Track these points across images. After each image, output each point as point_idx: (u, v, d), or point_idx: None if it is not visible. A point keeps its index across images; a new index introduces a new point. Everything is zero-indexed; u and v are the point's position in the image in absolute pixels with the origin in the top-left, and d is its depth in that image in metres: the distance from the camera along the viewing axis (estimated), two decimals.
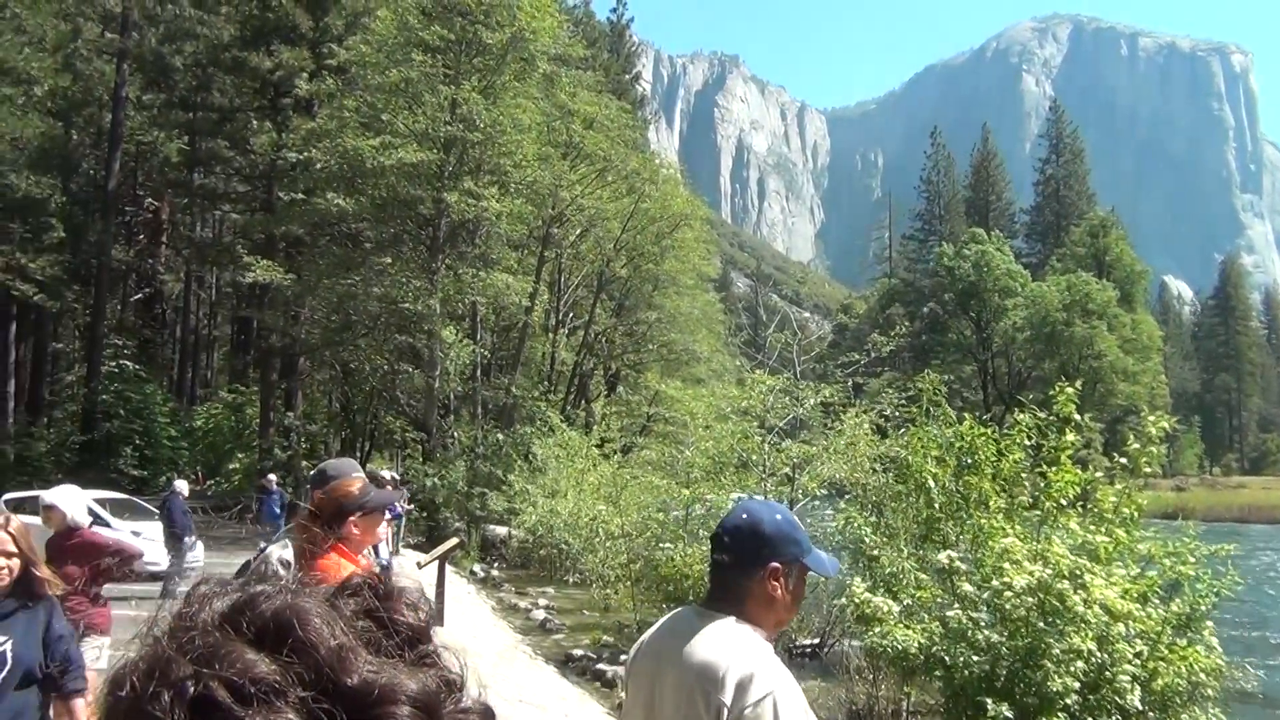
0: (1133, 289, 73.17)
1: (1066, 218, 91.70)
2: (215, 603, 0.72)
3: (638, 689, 2.32)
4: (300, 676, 0.67)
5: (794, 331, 16.04)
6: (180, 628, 0.70)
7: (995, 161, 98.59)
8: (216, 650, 0.67)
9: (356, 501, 3.32)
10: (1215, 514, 51.55)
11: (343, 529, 3.29)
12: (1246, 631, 16.27)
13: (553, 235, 31.50)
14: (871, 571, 9.57)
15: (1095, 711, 7.62)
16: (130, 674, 0.67)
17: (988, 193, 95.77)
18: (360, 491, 3.35)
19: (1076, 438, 9.28)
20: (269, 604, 0.71)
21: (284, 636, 0.68)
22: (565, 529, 18.80)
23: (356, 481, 3.38)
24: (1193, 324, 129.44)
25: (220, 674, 0.65)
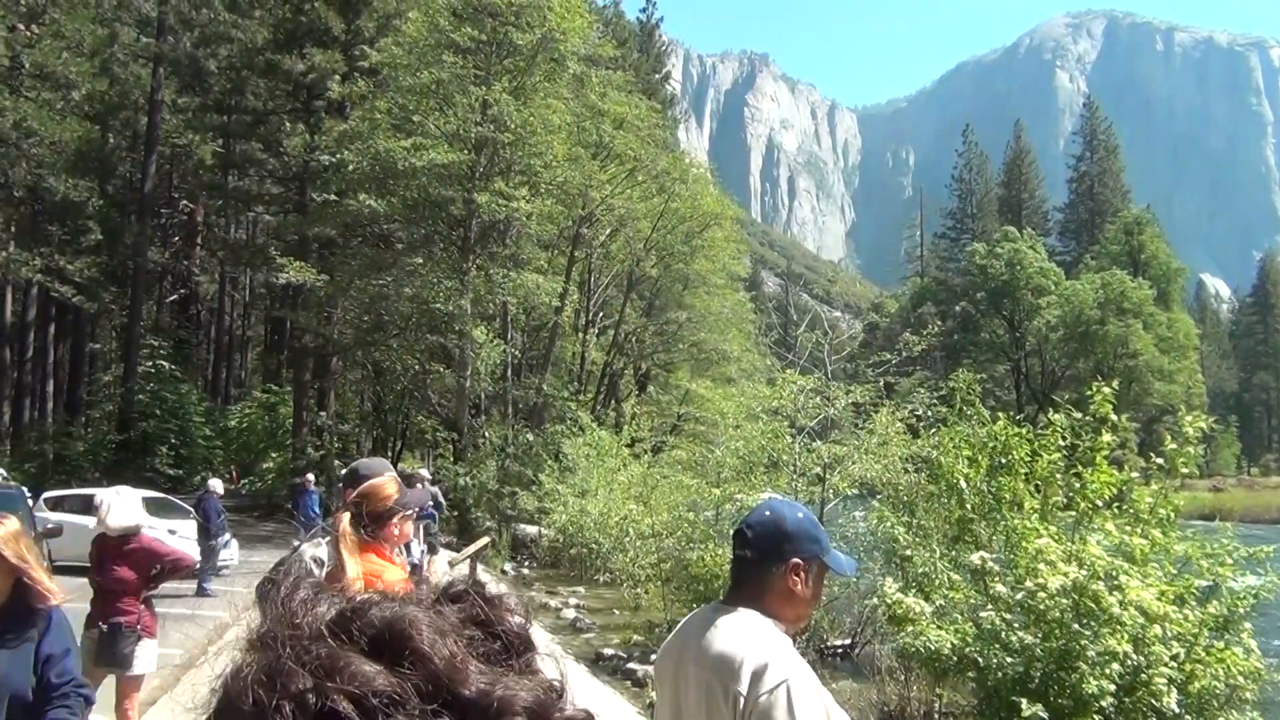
0: (1169, 287, 72.28)
1: (1101, 215, 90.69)
2: (319, 608, 0.70)
3: (664, 687, 2.36)
4: (417, 688, 0.66)
5: (825, 331, 16.00)
6: (291, 636, 0.68)
7: (1028, 159, 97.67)
8: (335, 661, 0.66)
9: (399, 503, 3.36)
10: (1254, 515, 50.82)
11: (383, 531, 3.33)
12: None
13: (583, 235, 31.56)
14: (904, 572, 9.52)
15: (1131, 714, 7.54)
16: (252, 684, 0.66)
17: (1020, 190, 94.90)
18: (398, 494, 3.39)
19: (1113, 438, 9.19)
20: (379, 613, 0.69)
21: (399, 647, 0.67)
22: (595, 528, 18.84)
23: (391, 482, 3.41)
24: (1230, 322, 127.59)
25: (343, 687, 0.64)
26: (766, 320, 66.50)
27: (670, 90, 74.51)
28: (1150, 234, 75.82)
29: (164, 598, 13.06)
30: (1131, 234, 75.72)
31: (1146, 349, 62.07)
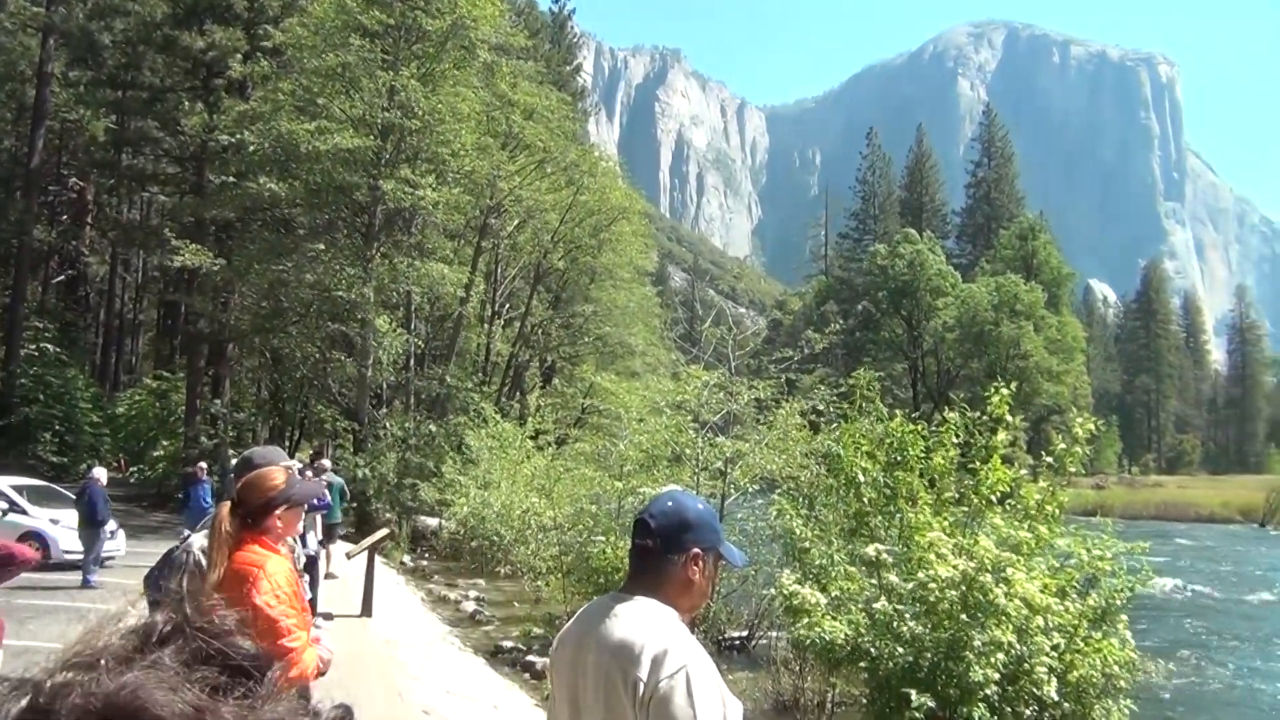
0: (1059, 291, 74.90)
1: (997, 220, 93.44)
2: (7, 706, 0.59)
3: (560, 677, 2.36)
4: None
5: (729, 327, 16.16)
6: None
7: (930, 163, 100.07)
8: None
9: (282, 495, 3.29)
10: (1133, 512, 53.16)
11: (266, 522, 3.26)
12: (1158, 626, 16.77)
13: (490, 226, 31.30)
14: (801, 564, 9.69)
15: (1014, 702, 7.81)
16: None
17: (921, 193, 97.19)
18: (285, 483, 3.32)
19: (1006, 436, 9.52)
20: (95, 691, 0.58)
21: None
22: (497, 520, 18.75)
23: (279, 473, 3.34)
24: (1115, 326, 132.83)
25: None
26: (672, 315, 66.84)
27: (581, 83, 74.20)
28: (1043, 240, 78.44)
29: (45, 589, 12.60)
30: (1025, 239, 78.22)
31: (1037, 350, 64.21)
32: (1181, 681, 12.06)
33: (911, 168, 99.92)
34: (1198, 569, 26.78)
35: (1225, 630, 17.19)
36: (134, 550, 16.09)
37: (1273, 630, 17.41)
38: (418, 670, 9.26)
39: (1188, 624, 17.59)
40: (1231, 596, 21.78)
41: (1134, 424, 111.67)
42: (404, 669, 9.13)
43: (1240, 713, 10.92)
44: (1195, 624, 17.66)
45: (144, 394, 37.60)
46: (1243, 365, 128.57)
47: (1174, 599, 20.59)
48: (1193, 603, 20.55)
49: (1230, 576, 25.58)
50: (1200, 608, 19.89)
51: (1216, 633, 16.87)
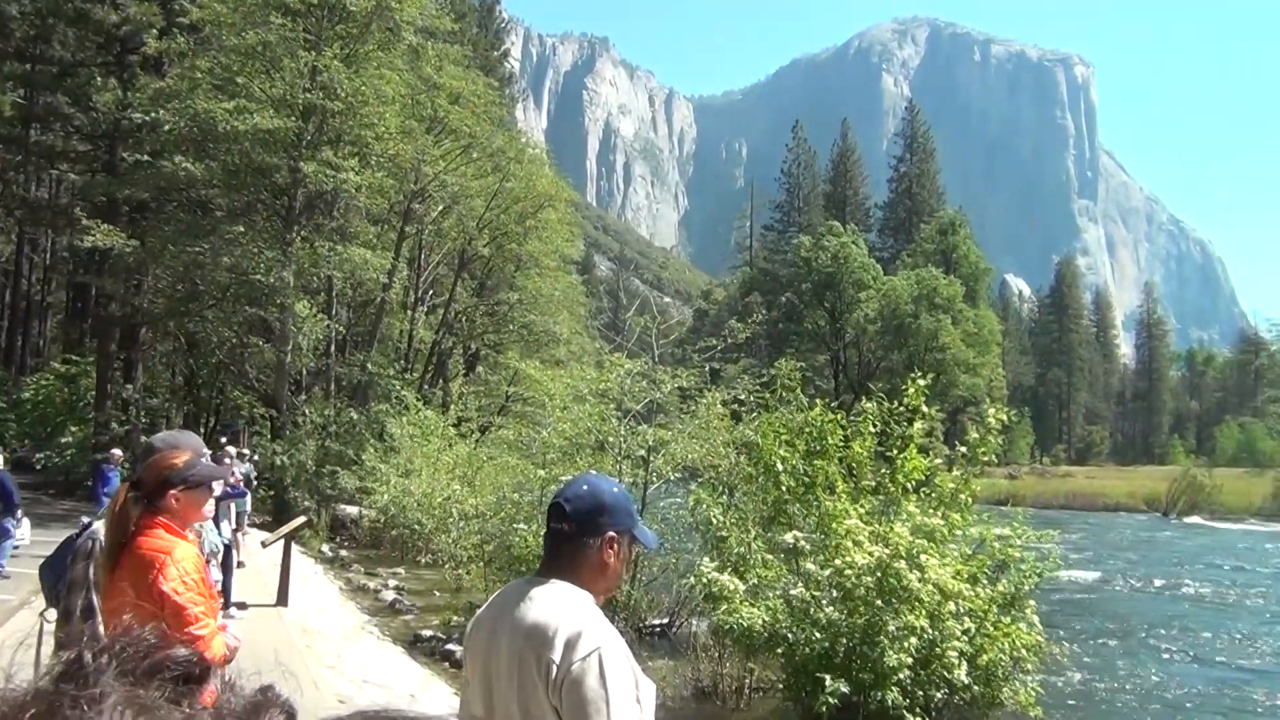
0: (976, 285, 76.55)
1: (918, 214, 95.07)
2: None
3: (475, 660, 2.36)
4: None
5: (653, 316, 16.23)
6: None
7: (853, 157, 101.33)
8: None
9: (179, 474, 3.22)
10: (1044, 500, 54.72)
11: (162, 502, 3.19)
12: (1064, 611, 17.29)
13: (414, 211, 30.90)
14: (720, 552, 9.79)
15: (925, 685, 8.01)
16: None
17: (845, 187, 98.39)
18: (184, 464, 3.24)
19: (923, 426, 9.74)
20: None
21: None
22: (418, 509, 18.59)
23: (184, 453, 3.27)
24: (1030, 320, 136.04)
25: None
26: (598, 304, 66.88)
27: (509, 68, 73.58)
28: (962, 235, 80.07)
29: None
30: (945, 234, 79.78)
31: (955, 343, 65.57)
32: (1086, 664, 12.46)
33: (836, 161, 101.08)
34: (1103, 556, 27.65)
35: (1128, 615, 17.78)
36: (39, 539, 15.58)
37: (1173, 614, 18.05)
38: (334, 660, 9.15)
39: (1092, 609, 18.15)
40: (1134, 582, 22.54)
41: (1046, 416, 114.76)
42: (320, 658, 9.02)
43: (1140, 693, 11.32)
44: (1100, 609, 18.24)
45: (52, 378, 36.36)
46: (1149, 360, 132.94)
47: (1080, 585, 21.24)
48: (1097, 589, 21.22)
49: (1134, 563, 26.46)
50: (1105, 593, 20.55)
51: (1120, 617, 17.44)
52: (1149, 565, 26.11)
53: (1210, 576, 23.80)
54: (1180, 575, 23.95)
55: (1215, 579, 23.26)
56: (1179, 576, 23.72)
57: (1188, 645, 14.93)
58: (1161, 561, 27.08)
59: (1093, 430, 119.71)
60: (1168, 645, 14.82)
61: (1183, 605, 19.37)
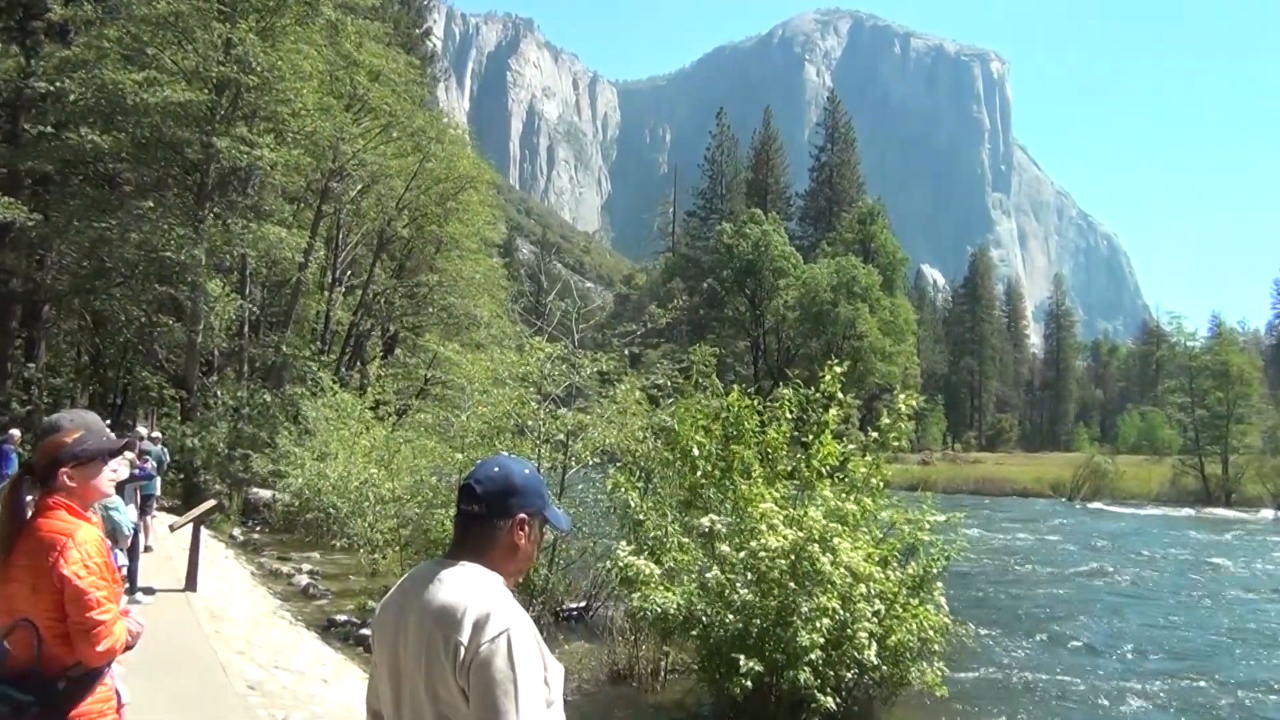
0: (894, 275, 77.95)
1: (838, 204, 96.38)
2: None
3: (382, 642, 2.34)
4: None
5: (575, 300, 16.20)
6: None
7: (775, 145, 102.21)
8: None
9: (68, 451, 3.15)
10: (955, 486, 56.05)
11: (55, 482, 3.11)
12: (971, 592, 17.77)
13: (332, 190, 30.35)
14: (637, 535, 9.85)
15: (836, 666, 8.18)
16: None
17: (767, 175, 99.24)
18: (74, 440, 3.17)
19: (839, 413, 9.91)
20: None
21: None
22: (334, 492, 18.35)
23: (75, 431, 3.20)
24: (944, 310, 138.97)
25: None
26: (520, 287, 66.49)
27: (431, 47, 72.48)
28: (880, 224, 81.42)
29: None
30: (864, 223, 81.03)
31: (872, 331, 66.70)
32: (991, 644, 12.84)
33: (758, 149, 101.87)
34: (1010, 540, 28.45)
35: (1031, 596, 18.34)
36: None
37: (1074, 596, 18.67)
38: (243, 645, 8.99)
39: (998, 591, 18.68)
40: (1038, 565, 23.24)
41: (958, 403, 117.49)
42: (229, 644, 8.85)
43: (1044, 673, 11.70)
44: (1006, 591, 18.78)
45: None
46: (1057, 350, 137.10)
47: (987, 568, 21.83)
48: (1004, 571, 21.84)
49: (1038, 547, 27.28)
50: (1010, 576, 21.16)
51: (1023, 599, 17.98)
52: (1053, 548, 26.94)
53: (1110, 559, 24.65)
54: (1082, 558, 24.76)
55: (1115, 562, 24.10)
56: (1081, 560, 24.52)
57: (1088, 626, 15.46)
58: (1065, 545, 27.95)
59: (1003, 418, 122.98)
60: (1069, 626, 15.33)
61: (1084, 587, 20.04)
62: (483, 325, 35.20)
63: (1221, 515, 44.17)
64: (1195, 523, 39.56)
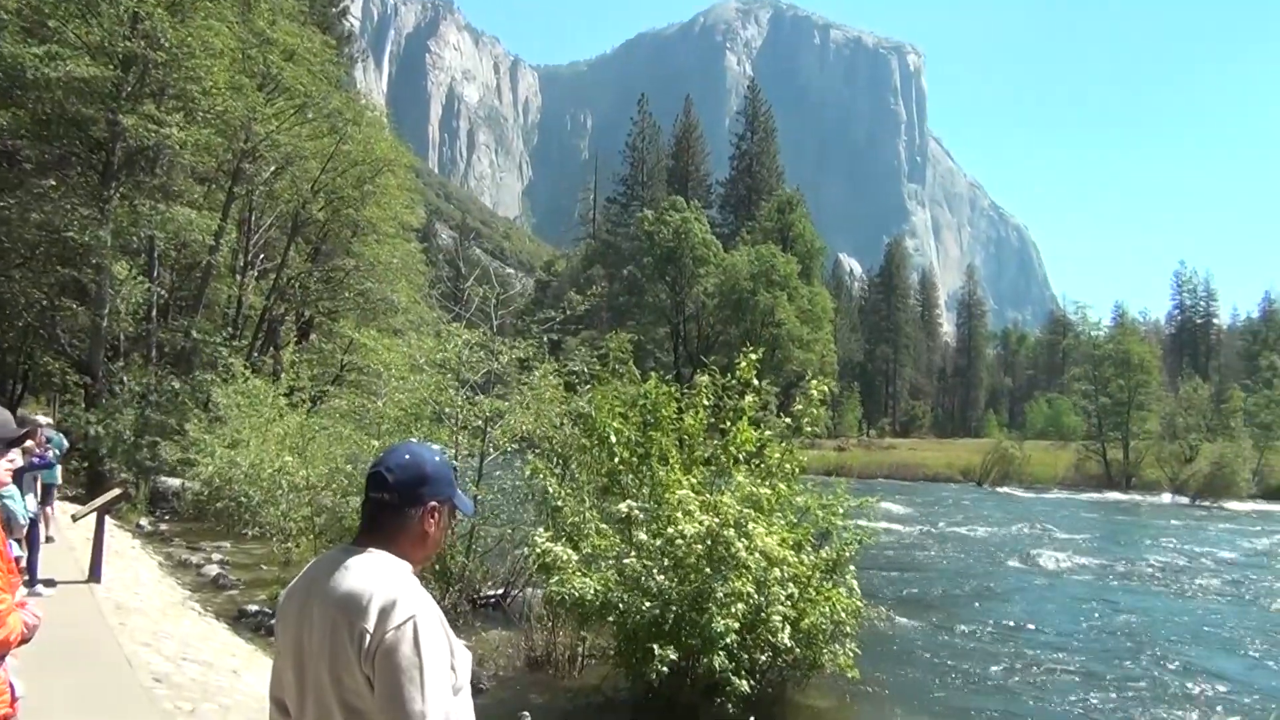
0: (811, 263, 79.01)
1: (758, 192, 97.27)
2: None
3: (286, 630, 2.32)
4: None
5: (494, 286, 16.07)
6: None
7: (696, 133, 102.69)
8: None
9: None
10: (870, 471, 57.16)
11: None
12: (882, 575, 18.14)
13: (244, 171, 29.60)
14: (554, 522, 9.85)
15: (751, 649, 8.29)
16: None
17: (688, 163, 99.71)
18: None
19: (755, 400, 10.02)
20: None
21: None
22: (245, 481, 17.96)
23: None
24: (860, 299, 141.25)
25: None
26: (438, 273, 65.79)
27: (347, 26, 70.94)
28: (799, 213, 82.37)
29: None
30: (783, 212, 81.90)
31: (790, 319, 67.53)
32: (901, 625, 13.14)
33: (679, 137, 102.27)
34: (921, 524, 29.11)
35: (942, 579, 18.80)
36: None
37: (984, 578, 19.18)
38: (149, 637, 8.76)
39: (909, 574, 19.11)
40: (949, 549, 23.84)
41: (874, 391, 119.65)
42: (134, 636, 8.63)
43: (952, 654, 12.01)
44: (916, 574, 19.22)
45: None
46: (969, 338, 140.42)
47: (899, 552, 22.31)
48: (915, 555, 22.34)
49: (949, 530, 27.96)
50: (921, 559, 21.65)
51: (935, 582, 18.42)
52: (962, 532, 27.64)
53: (1016, 543, 25.38)
54: (990, 542, 25.46)
55: (1021, 545, 24.83)
56: (989, 543, 25.21)
57: (996, 608, 15.91)
58: (974, 529, 28.70)
59: (916, 405, 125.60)
60: (977, 608, 15.76)
61: (992, 570, 20.61)
62: (400, 311, 34.75)
63: (1122, 499, 45.82)
64: (1098, 506, 40.96)
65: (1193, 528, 31.21)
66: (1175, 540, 26.94)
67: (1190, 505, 42.97)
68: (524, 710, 8.25)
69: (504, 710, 8.34)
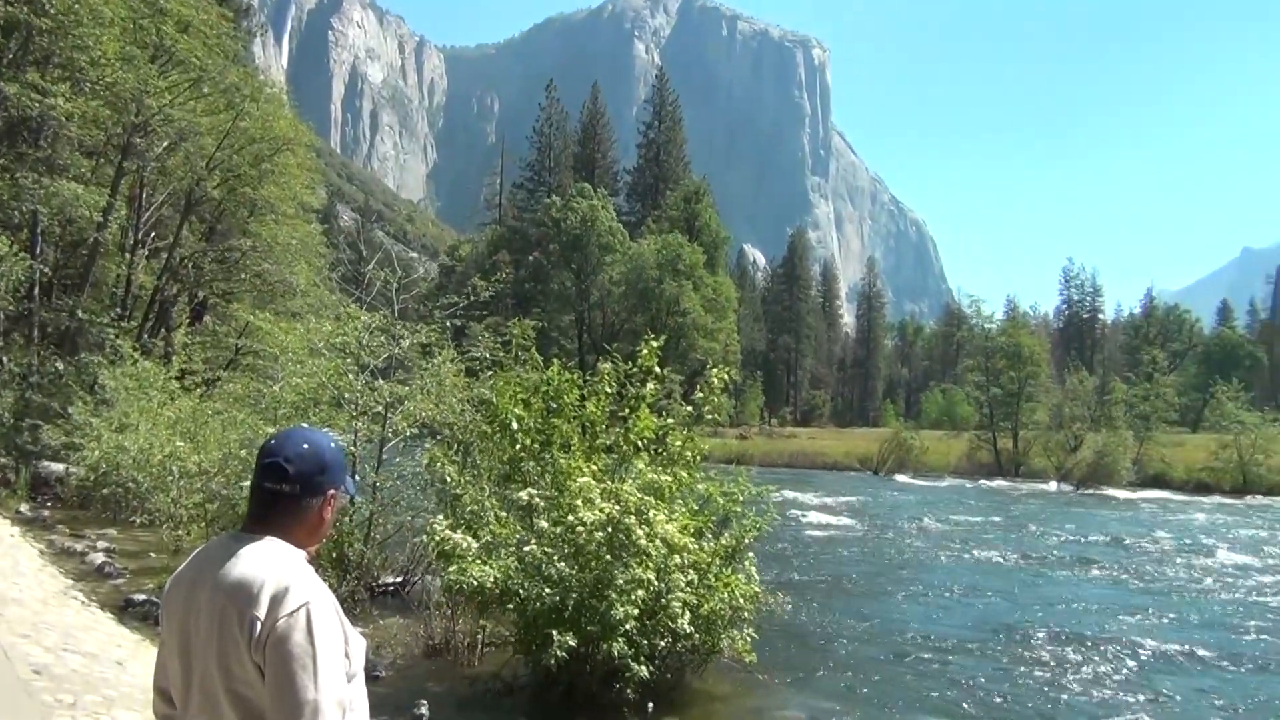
0: (716, 253, 79.71)
1: (664, 181, 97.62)
2: None
3: (172, 619, 2.25)
4: None
5: (396, 270, 15.82)
6: None
7: (604, 120, 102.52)
8: None
9: None
10: (771, 460, 57.95)
11: None
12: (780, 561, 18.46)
13: (135, 145, 28.52)
14: (454, 510, 9.77)
15: (650, 635, 8.35)
16: None
17: (595, 150, 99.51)
18: None
19: (658, 387, 10.07)
20: None
21: None
22: (134, 466, 17.41)
23: None
24: (764, 289, 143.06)
25: None
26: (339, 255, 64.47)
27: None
28: (705, 203, 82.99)
29: None
30: (689, 202, 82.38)
31: (695, 308, 68.04)
32: (798, 611, 13.38)
33: (586, 124, 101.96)
34: (819, 511, 29.67)
35: (839, 565, 19.20)
36: None
37: (878, 564, 19.66)
38: (29, 629, 8.43)
39: (807, 560, 19.47)
40: (846, 535, 24.36)
41: (776, 380, 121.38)
42: (12, 628, 8.28)
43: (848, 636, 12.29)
44: (812, 560, 19.59)
45: None
46: (868, 330, 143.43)
47: (797, 539, 22.72)
48: (812, 541, 22.77)
49: (846, 518, 28.56)
50: (818, 545, 22.08)
51: (831, 568, 18.81)
52: (859, 519, 28.25)
53: (910, 529, 26.08)
54: (885, 528, 26.09)
55: (914, 531, 25.52)
56: (884, 530, 25.83)
57: (891, 593, 16.32)
58: (870, 516, 29.37)
59: (816, 394, 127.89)
60: (872, 593, 16.15)
61: (886, 556, 21.12)
62: (299, 293, 33.95)
63: (1011, 486, 47.37)
64: (987, 493, 42.29)
65: (1075, 513, 32.43)
66: (1059, 525, 27.96)
67: (1074, 492, 44.63)
68: (421, 699, 8.18)
69: (402, 699, 8.26)
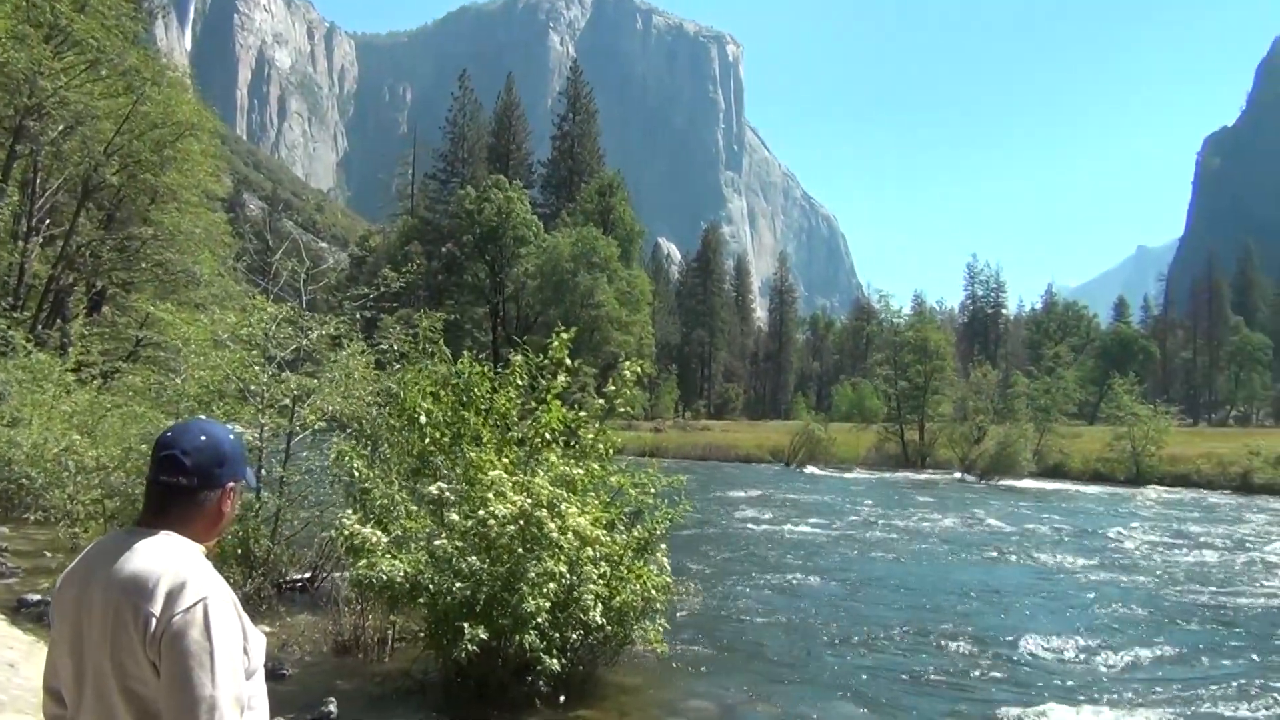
0: (631, 246, 79.87)
1: (579, 174, 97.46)
2: None
3: (64, 618, 2.20)
4: None
5: (304, 260, 15.51)
6: None
7: (518, 112, 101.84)
8: None
9: None
10: (684, 452, 58.36)
11: None
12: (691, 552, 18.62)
13: (28, 128, 27.46)
14: (363, 504, 9.65)
15: (563, 628, 8.37)
16: None
17: (509, 142, 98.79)
18: None
19: (569, 380, 10.08)
20: None
21: None
22: (27, 462, 16.78)
23: None
24: (678, 283, 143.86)
25: None
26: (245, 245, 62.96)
27: None
28: (620, 196, 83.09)
29: None
30: (604, 195, 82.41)
31: (609, 301, 68.08)
32: (708, 601, 13.52)
33: (500, 115, 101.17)
34: (730, 503, 30.00)
35: (747, 555, 19.43)
36: None
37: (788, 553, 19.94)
38: None
39: (719, 552, 19.66)
40: (757, 526, 24.66)
41: (690, 373, 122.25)
42: None
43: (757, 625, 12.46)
44: (723, 551, 19.80)
45: None
46: (780, 324, 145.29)
47: (709, 530, 22.94)
48: (724, 533, 23.01)
49: (758, 509, 28.91)
50: (730, 537, 22.31)
51: (740, 557, 19.03)
52: (770, 510, 28.62)
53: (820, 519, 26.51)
54: (796, 519, 26.48)
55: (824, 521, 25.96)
56: (795, 520, 26.21)
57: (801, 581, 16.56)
58: (781, 507, 29.77)
59: (729, 387, 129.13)
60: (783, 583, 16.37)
61: (796, 546, 21.44)
62: (203, 284, 33.07)
63: (917, 477, 48.52)
64: (894, 484, 43.25)
65: (975, 501, 33.35)
66: (959, 513, 28.72)
67: (977, 482, 45.87)
68: (329, 696, 8.07)
69: (309, 696, 8.14)
